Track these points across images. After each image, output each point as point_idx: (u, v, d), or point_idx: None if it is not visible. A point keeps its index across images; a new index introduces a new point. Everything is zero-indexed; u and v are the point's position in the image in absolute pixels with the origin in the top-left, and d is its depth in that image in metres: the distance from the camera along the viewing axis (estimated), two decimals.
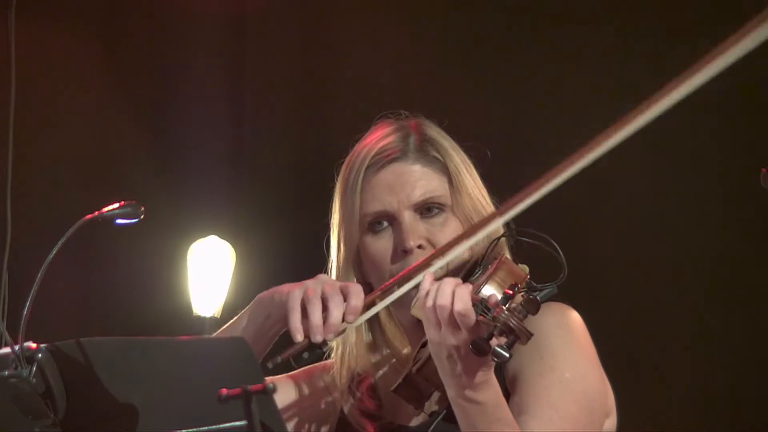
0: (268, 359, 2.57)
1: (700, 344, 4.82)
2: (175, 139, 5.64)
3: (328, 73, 5.51)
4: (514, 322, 2.34)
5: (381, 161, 2.78)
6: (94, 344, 2.23)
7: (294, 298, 2.60)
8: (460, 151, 2.84)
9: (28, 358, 2.20)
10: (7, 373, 2.19)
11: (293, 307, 2.59)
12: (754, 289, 4.76)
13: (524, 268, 2.63)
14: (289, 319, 2.58)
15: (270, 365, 2.55)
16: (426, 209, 2.76)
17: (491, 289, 2.52)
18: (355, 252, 2.80)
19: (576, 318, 2.71)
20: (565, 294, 2.69)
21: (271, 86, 5.61)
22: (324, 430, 2.89)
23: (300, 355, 2.59)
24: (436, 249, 2.69)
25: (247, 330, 2.70)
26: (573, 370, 2.62)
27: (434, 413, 2.67)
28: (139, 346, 2.23)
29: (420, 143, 2.80)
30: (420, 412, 2.70)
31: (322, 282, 2.64)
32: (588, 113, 4.93)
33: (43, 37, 5.53)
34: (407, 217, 2.75)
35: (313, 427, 2.89)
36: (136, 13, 5.63)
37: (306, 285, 2.63)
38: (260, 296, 2.72)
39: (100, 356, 2.22)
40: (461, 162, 2.81)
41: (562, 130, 4.95)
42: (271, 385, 2.11)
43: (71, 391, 2.23)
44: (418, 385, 2.59)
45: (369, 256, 2.78)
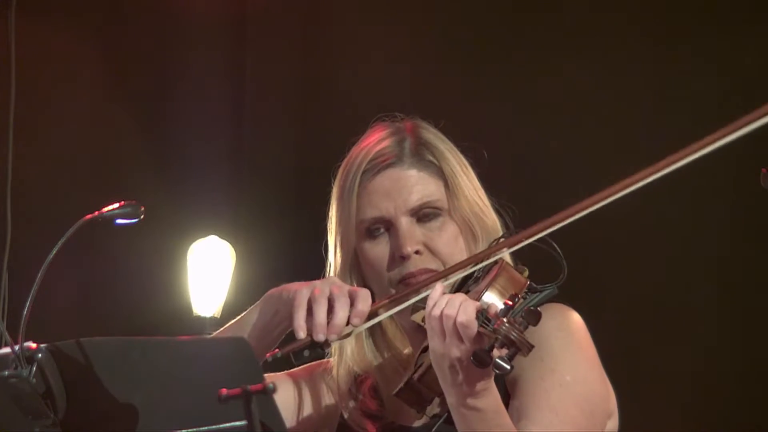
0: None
1: (700, 344, 4.82)
2: (175, 139, 5.64)
3: (328, 73, 5.51)
4: (515, 335, 2.33)
5: (377, 166, 2.77)
6: (94, 344, 2.22)
7: (301, 295, 2.60)
8: (457, 153, 2.82)
9: (28, 358, 2.19)
10: (7, 373, 2.19)
11: (300, 304, 2.59)
12: (754, 289, 4.77)
13: (524, 272, 2.63)
14: (294, 315, 2.58)
15: (269, 359, 2.56)
16: (423, 214, 2.76)
17: (492, 297, 2.52)
18: (353, 257, 2.80)
19: (577, 319, 2.70)
20: (566, 294, 2.68)
21: (271, 86, 5.61)
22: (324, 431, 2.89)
23: (301, 352, 2.59)
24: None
25: (255, 326, 2.70)
26: (573, 373, 2.61)
27: (436, 416, 2.67)
28: (139, 346, 2.23)
29: (415, 147, 2.79)
30: (422, 415, 2.70)
31: (331, 283, 2.64)
32: (588, 113, 4.94)
33: (43, 37, 5.52)
34: (404, 222, 2.74)
35: (313, 428, 2.88)
36: (136, 13, 5.63)
37: (314, 284, 2.63)
38: (270, 293, 2.72)
39: (100, 356, 2.22)
40: (457, 164, 2.80)
41: (562, 129, 4.95)
42: (271, 385, 2.11)
43: (71, 391, 2.23)
44: (420, 391, 2.59)
45: (367, 261, 2.77)
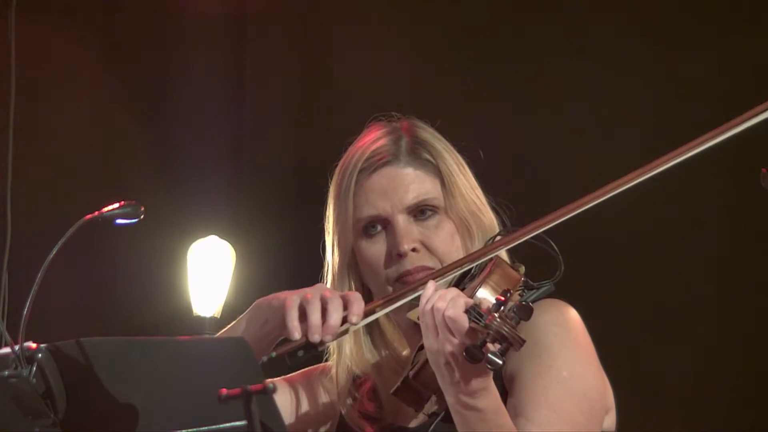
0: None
1: (700, 344, 4.82)
2: (175, 138, 5.64)
3: (328, 72, 5.51)
4: (507, 330, 2.33)
5: (373, 165, 2.77)
6: (94, 344, 2.22)
7: (292, 300, 2.59)
8: (454, 151, 2.83)
9: (28, 358, 2.19)
10: (7, 373, 2.19)
11: (291, 306, 2.58)
12: (754, 289, 4.77)
13: (521, 269, 2.63)
14: (287, 317, 2.57)
15: (265, 359, 2.54)
16: (419, 212, 2.76)
17: (485, 293, 2.52)
18: (350, 256, 2.80)
19: (573, 315, 2.69)
20: (566, 294, 2.68)
21: (271, 86, 5.61)
22: None
23: (295, 353, 2.57)
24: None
25: (245, 335, 2.67)
26: (571, 369, 2.60)
27: (434, 414, 2.67)
28: (139, 346, 2.23)
29: (412, 146, 2.79)
30: (420, 414, 2.70)
31: (322, 288, 2.64)
32: (588, 113, 4.94)
33: (43, 37, 5.53)
34: (401, 220, 2.75)
35: (312, 431, 2.88)
36: (136, 13, 5.63)
37: (305, 290, 2.63)
38: (258, 301, 2.71)
39: (100, 356, 2.22)
40: (454, 163, 2.80)
41: (562, 129, 4.95)
42: (271, 385, 2.11)
43: (71, 391, 2.23)
44: (416, 389, 2.59)
45: (364, 260, 2.78)
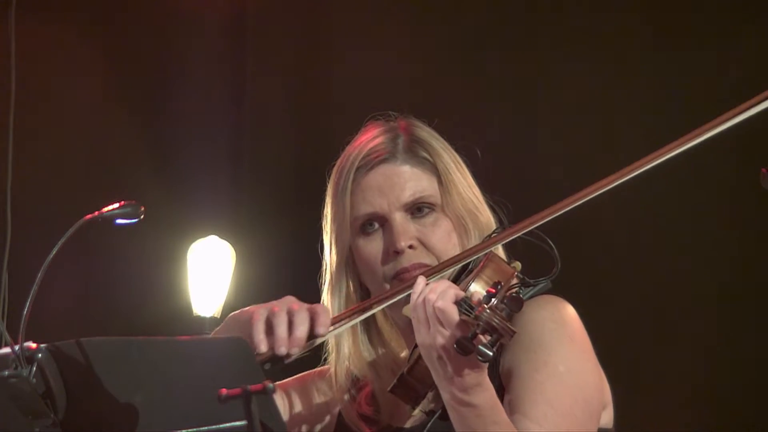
0: None
1: (700, 343, 4.82)
2: (175, 138, 5.63)
3: (328, 72, 5.51)
4: (497, 321, 2.33)
5: (370, 163, 2.79)
6: (94, 344, 2.22)
7: (259, 314, 2.61)
8: (451, 150, 2.84)
9: (28, 358, 2.19)
10: (7, 373, 2.19)
11: (258, 320, 2.59)
12: (754, 288, 4.77)
13: (517, 265, 2.63)
14: (253, 331, 2.58)
15: None
16: (416, 209, 2.77)
17: (477, 287, 2.53)
18: (348, 254, 2.81)
19: (570, 311, 2.69)
20: (566, 294, 2.68)
21: (271, 86, 5.61)
22: None
23: (261, 366, 2.56)
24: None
25: None
26: (567, 364, 2.60)
27: (431, 411, 2.67)
28: (139, 346, 2.23)
29: (409, 144, 2.80)
30: (417, 412, 2.70)
31: (289, 301, 2.64)
32: (588, 113, 4.94)
33: (43, 37, 5.53)
34: (398, 217, 2.76)
35: None
36: (136, 13, 5.63)
37: (272, 303, 2.64)
38: (231, 315, 2.73)
39: (100, 356, 2.22)
40: (451, 161, 2.82)
41: (561, 128, 4.95)
42: (271, 385, 2.11)
43: (71, 391, 2.23)
44: (412, 386, 2.59)
45: (362, 258, 2.79)
